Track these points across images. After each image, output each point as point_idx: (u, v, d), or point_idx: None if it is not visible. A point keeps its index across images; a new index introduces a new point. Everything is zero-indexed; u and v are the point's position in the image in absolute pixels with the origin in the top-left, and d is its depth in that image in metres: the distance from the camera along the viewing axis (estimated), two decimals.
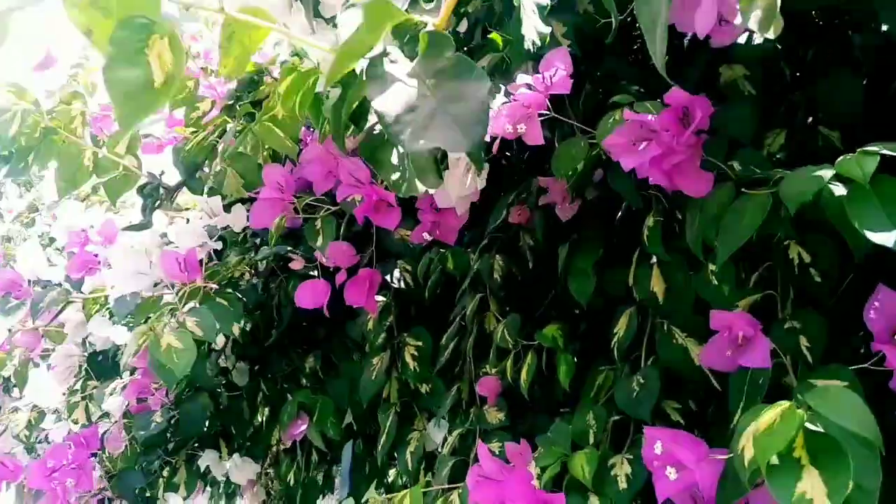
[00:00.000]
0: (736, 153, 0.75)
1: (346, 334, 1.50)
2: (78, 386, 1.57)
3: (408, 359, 1.24)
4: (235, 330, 1.05)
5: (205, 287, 1.04)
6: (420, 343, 1.25)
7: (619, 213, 0.97)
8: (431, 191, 0.73)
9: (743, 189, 0.66)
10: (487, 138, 0.77)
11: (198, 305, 1.00)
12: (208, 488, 1.96)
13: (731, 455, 0.56)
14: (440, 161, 0.73)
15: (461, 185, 0.79)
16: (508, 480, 0.60)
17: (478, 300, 1.18)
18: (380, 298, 1.33)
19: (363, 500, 1.43)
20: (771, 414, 0.45)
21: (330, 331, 1.60)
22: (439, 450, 1.17)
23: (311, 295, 0.99)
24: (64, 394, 1.52)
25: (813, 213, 0.59)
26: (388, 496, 0.78)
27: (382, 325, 1.34)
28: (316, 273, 1.16)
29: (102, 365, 1.53)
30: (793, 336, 0.66)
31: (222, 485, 1.87)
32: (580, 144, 0.82)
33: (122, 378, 1.44)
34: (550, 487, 0.78)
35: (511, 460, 0.72)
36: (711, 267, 0.83)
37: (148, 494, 1.29)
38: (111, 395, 1.50)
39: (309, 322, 1.62)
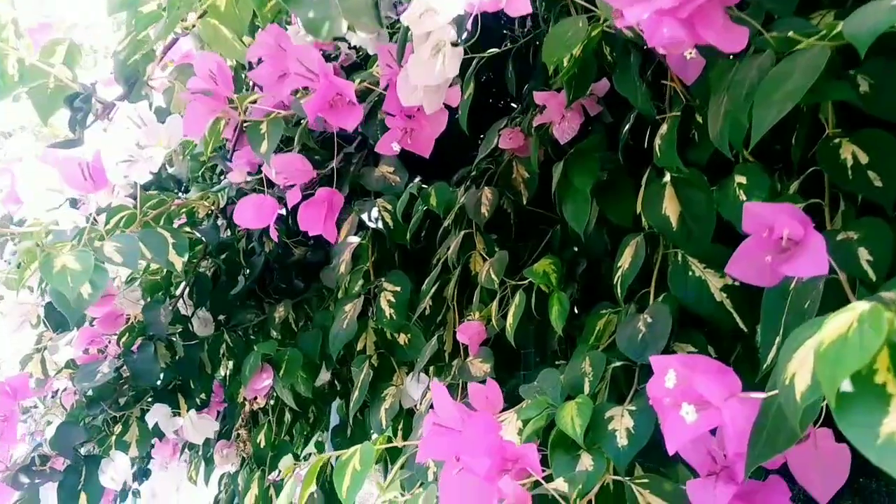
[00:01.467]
0: (773, 24, 0.58)
1: (322, 284, 1.37)
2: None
3: (384, 305, 1.09)
4: (177, 265, 0.90)
5: (142, 214, 0.90)
6: (398, 289, 1.10)
7: (626, 127, 0.81)
8: (372, 48, 0.57)
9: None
10: (462, 11, 0.61)
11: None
12: (186, 451, 1.85)
13: (770, 395, 0.41)
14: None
15: (428, 71, 0.63)
16: (468, 428, 0.46)
17: (462, 238, 1.03)
18: (354, 239, 1.18)
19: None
20: (843, 319, 0.30)
21: (305, 280, 1.46)
22: (417, 406, 1.03)
23: (252, 212, 0.84)
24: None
25: None
26: (330, 454, 0.65)
27: (357, 269, 1.19)
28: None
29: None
30: (849, 248, 0.50)
31: (201, 447, 1.74)
32: (577, 24, 0.66)
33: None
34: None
35: (475, 404, 0.58)
36: (739, 178, 0.67)
37: (97, 452, 1.15)
38: (67, 346, 1.38)
39: (282, 271, 1.48)
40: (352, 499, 0.61)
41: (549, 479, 0.58)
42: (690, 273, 0.71)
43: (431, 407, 0.55)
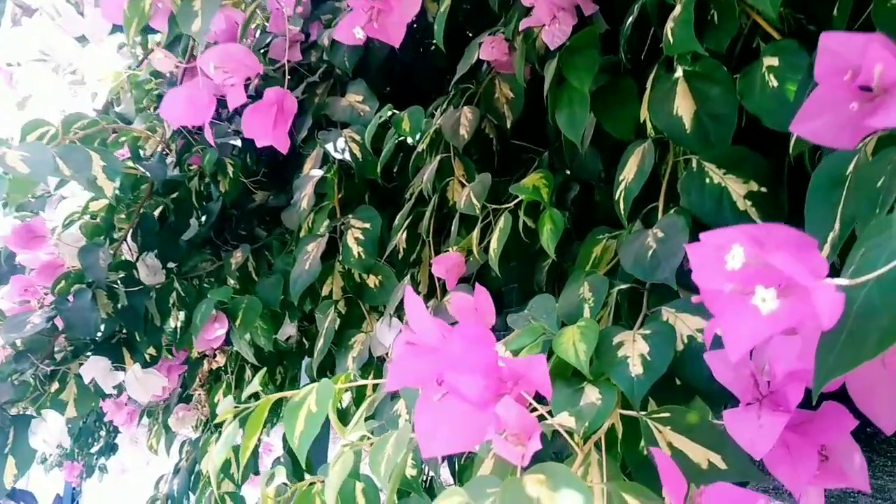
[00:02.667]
0: None
1: (285, 230, 1.24)
2: None
3: (351, 243, 0.97)
4: (107, 190, 0.77)
5: (65, 132, 0.76)
6: (367, 225, 0.99)
7: (630, 19, 0.70)
8: None
9: None
10: None
11: None
12: (146, 419, 1.73)
13: (858, 282, 0.31)
14: None
15: None
16: (453, 342, 0.35)
17: (438, 163, 0.91)
18: (317, 172, 1.05)
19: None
20: None
21: (268, 227, 1.34)
22: (389, 354, 0.92)
23: (184, 107, 0.70)
24: None
25: None
26: (282, 394, 0.53)
27: (322, 206, 1.07)
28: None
29: None
30: None
31: (161, 414, 1.62)
32: None
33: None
34: None
35: (459, 316, 0.47)
36: (769, 61, 0.56)
37: (31, 412, 1.02)
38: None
39: (242, 217, 1.35)
40: (305, 446, 0.50)
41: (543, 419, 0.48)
42: (708, 180, 0.61)
43: None
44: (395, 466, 0.47)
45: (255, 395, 0.58)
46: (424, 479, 0.93)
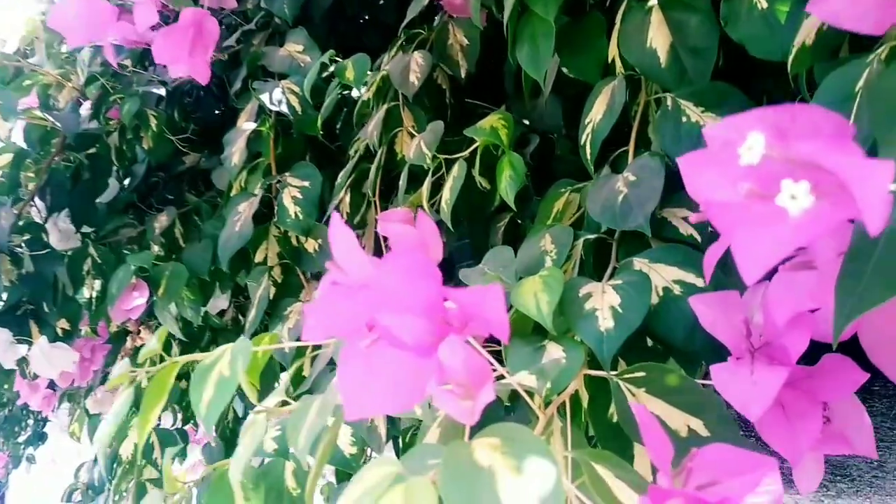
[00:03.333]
0: None
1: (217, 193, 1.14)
2: None
3: (287, 203, 0.88)
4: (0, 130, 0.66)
5: None
6: (306, 184, 0.89)
7: None
8: None
9: None
10: None
11: None
12: (66, 403, 1.60)
13: None
14: None
15: None
16: (388, 275, 0.27)
17: (385, 113, 0.83)
18: (250, 125, 0.96)
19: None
20: None
21: (198, 193, 1.23)
22: None
23: (78, 17, 0.59)
24: None
25: None
26: (190, 356, 0.44)
27: (256, 164, 0.97)
28: None
29: None
30: None
31: (83, 396, 1.50)
32: None
33: None
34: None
35: (395, 245, 0.39)
36: None
37: None
38: None
39: (170, 181, 1.24)
40: (213, 416, 0.41)
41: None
42: (685, 119, 0.54)
43: None
44: (324, 438, 0.39)
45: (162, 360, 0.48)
46: (366, 459, 0.85)
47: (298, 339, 0.84)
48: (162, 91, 1.01)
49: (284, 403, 0.41)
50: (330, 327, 0.31)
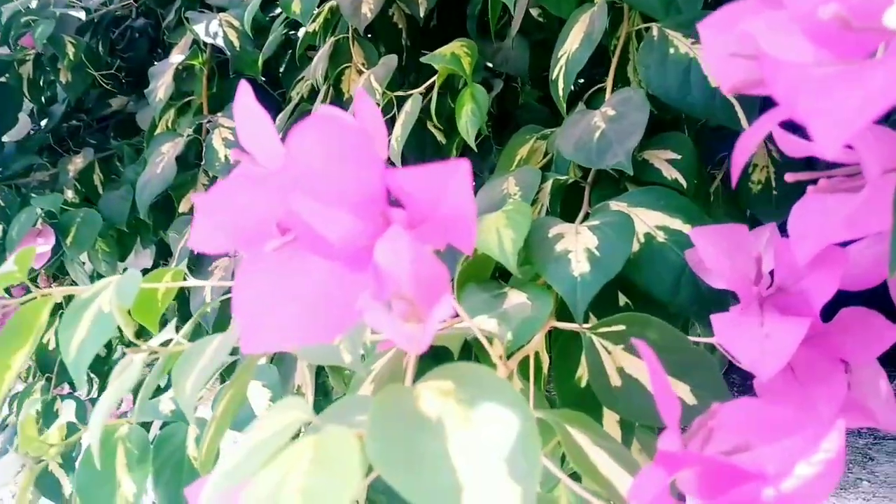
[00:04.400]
0: None
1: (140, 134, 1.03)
2: None
3: (217, 144, 0.78)
4: None
5: None
6: None
7: None
8: None
9: None
10: None
11: None
12: None
13: None
14: None
15: None
16: (310, 150, 0.19)
17: (333, 46, 0.74)
18: (178, 57, 0.85)
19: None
20: None
21: (126, 136, 1.11)
22: None
23: None
24: None
25: None
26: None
27: (184, 102, 0.87)
28: None
29: None
30: None
31: None
32: None
33: None
34: None
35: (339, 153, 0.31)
36: None
37: None
38: None
39: (95, 124, 1.12)
40: (83, 360, 0.32)
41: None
42: (672, 50, 0.47)
43: None
44: (226, 390, 0.31)
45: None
46: None
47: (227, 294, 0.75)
48: (82, 14, 0.89)
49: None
50: (229, 230, 0.22)
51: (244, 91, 0.24)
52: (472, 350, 0.37)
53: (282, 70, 0.96)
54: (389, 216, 0.21)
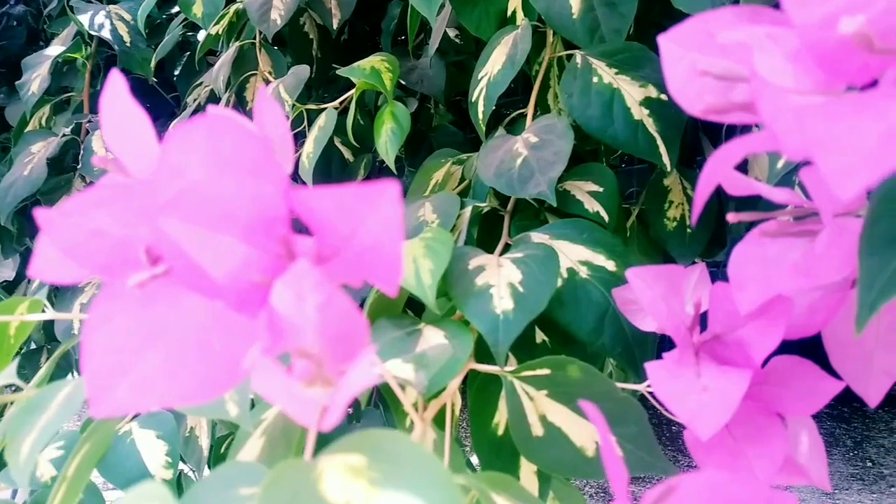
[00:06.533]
0: None
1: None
2: None
3: (97, 147, 0.70)
4: None
5: None
6: None
7: None
8: None
9: None
10: None
11: None
12: None
13: None
14: None
15: None
16: (184, 150, 0.14)
17: (236, 52, 0.68)
18: (55, 49, 0.77)
19: None
20: None
21: None
22: None
23: None
24: None
25: None
26: None
27: (61, 99, 0.78)
28: None
29: None
30: None
31: None
32: None
33: None
34: None
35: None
36: None
37: None
38: None
39: None
40: None
41: None
42: (596, 79, 0.46)
43: None
44: (80, 449, 0.25)
45: None
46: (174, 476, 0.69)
47: None
48: None
49: (17, 389, 0.27)
50: (81, 256, 0.17)
51: (115, 83, 0.19)
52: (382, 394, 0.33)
53: (177, 73, 0.89)
54: (292, 246, 0.17)
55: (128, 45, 0.78)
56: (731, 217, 0.26)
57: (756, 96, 0.14)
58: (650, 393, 0.31)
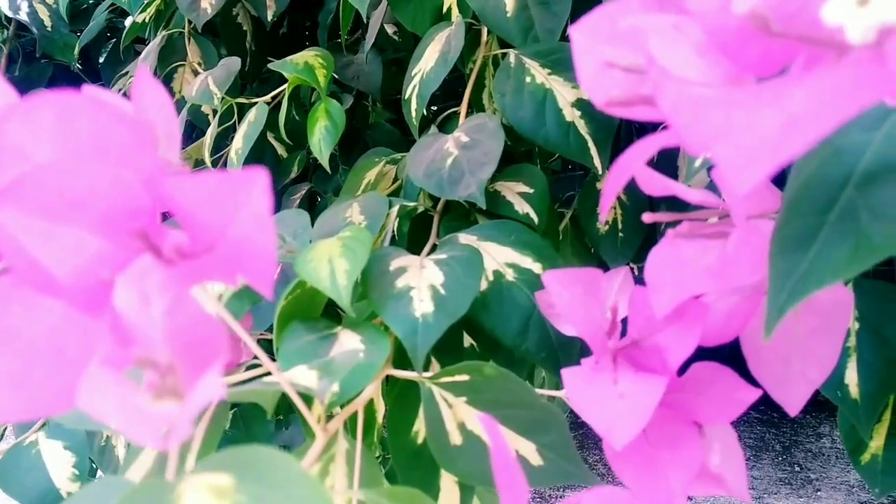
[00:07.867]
0: None
1: None
2: None
3: None
4: None
5: None
6: None
7: None
8: None
9: None
10: None
11: None
12: None
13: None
14: None
15: None
16: (22, 127, 0.13)
17: (164, 41, 0.65)
18: None
19: None
20: None
21: None
22: None
23: None
24: None
25: None
26: None
27: None
28: None
29: None
30: None
31: None
32: None
33: None
34: None
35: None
36: None
37: None
38: None
39: None
40: None
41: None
42: (529, 79, 0.45)
43: None
44: None
45: None
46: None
47: None
48: None
49: None
50: None
51: None
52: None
53: (101, 60, 0.85)
54: (156, 241, 0.15)
55: (48, 29, 0.74)
56: (647, 217, 0.25)
57: (655, 88, 0.13)
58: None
